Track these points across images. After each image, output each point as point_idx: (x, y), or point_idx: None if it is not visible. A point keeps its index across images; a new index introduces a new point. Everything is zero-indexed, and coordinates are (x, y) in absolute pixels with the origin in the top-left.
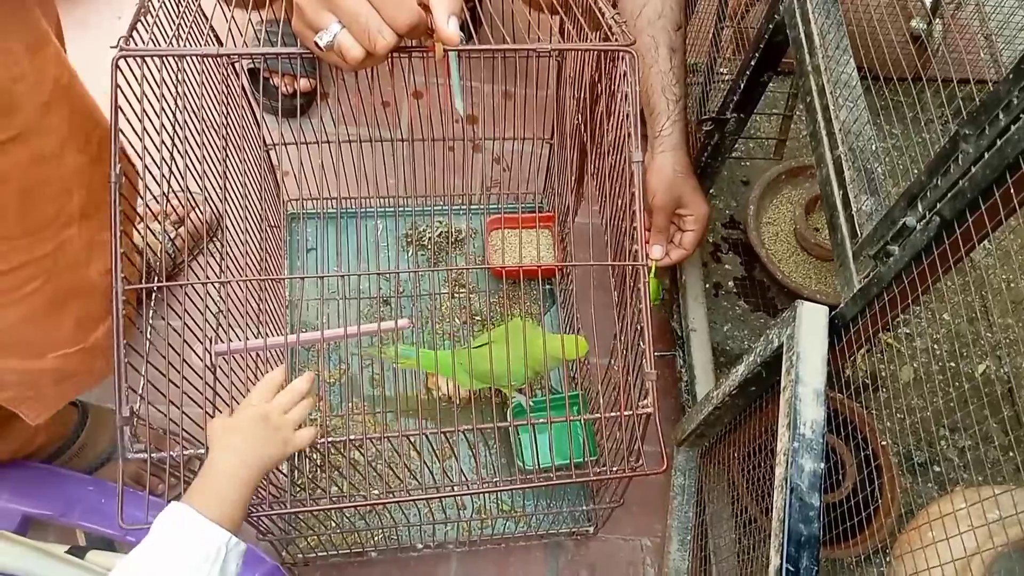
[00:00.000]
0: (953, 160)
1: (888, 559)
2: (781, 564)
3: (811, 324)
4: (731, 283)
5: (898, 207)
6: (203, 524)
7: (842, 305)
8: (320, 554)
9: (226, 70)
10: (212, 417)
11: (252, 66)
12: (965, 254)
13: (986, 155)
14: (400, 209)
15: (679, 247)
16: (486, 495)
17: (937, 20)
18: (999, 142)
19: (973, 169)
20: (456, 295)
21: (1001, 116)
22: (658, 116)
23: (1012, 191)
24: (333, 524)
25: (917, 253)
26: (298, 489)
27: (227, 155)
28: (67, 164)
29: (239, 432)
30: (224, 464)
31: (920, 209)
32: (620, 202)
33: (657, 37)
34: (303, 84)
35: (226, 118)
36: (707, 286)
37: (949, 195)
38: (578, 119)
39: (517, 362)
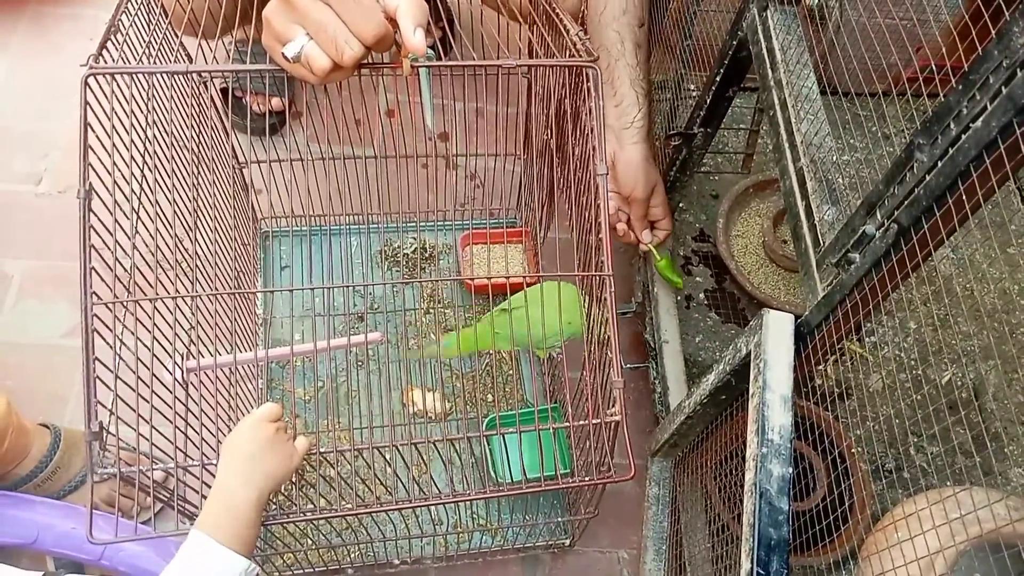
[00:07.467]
0: (909, 169)
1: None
2: (752, 568)
3: (777, 331)
4: (702, 295)
5: (858, 215)
6: (224, 554)
7: (807, 312)
8: (296, 572)
9: (197, 88)
10: (184, 434)
11: (224, 85)
12: (922, 260)
13: (939, 164)
14: (374, 226)
15: (659, 231)
16: (462, 509)
17: None
18: (951, 151)
19: (928, 177)
20: (431, 310)
21: (952, 126)
22: (628, 108)
23: (964, 198)
24: (309, 541)
25: (877, 260)
26: (274, 507)
27: (198, 171)
28: None
29: (251, 457)
30: (240, 490)
31: (879, 217)
32: (587, 215)
33: (622, 32)
34: (275, 103)
35: (197, 136)
36: (678, 298)
37: (906, 203)
38: (547, 134)
39: (552, 320)
